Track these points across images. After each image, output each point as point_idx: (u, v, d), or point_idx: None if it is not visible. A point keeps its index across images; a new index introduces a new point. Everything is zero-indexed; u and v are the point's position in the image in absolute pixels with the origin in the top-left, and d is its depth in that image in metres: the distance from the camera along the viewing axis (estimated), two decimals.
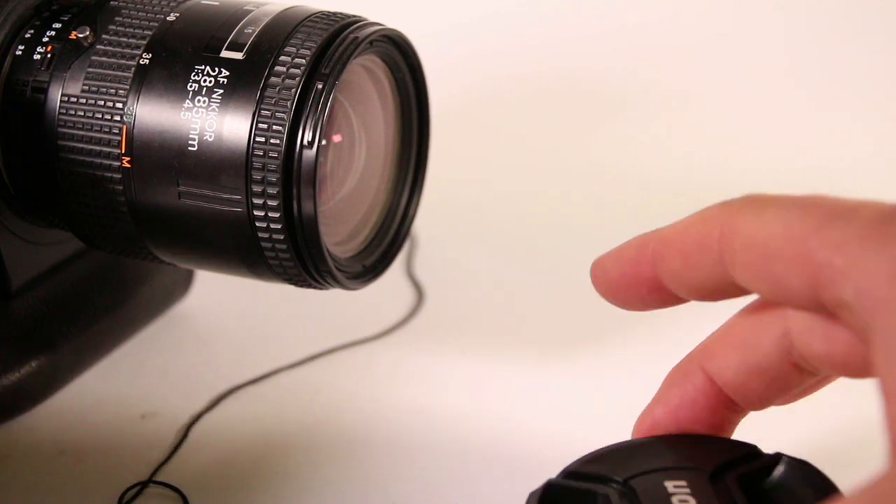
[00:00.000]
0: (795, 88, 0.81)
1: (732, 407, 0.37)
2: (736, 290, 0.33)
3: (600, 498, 0.35)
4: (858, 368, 0.32)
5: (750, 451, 0.36)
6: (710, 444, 0.37)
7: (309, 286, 0.45)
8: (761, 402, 0.36)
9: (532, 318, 0.58)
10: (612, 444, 0.38)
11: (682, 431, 0.37)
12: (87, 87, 0.44)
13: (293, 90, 0.42)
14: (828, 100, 0.79)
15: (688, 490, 0.34)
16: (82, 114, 0.44)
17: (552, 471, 0.49)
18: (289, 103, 0.42)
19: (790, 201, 0.31)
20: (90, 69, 0.44)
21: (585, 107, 0.78)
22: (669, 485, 0.35)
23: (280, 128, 0.42)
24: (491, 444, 0.50)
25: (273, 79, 0.42)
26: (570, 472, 0.36)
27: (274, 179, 0.42)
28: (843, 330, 0.32)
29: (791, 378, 0.35)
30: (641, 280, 0.35)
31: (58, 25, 0.45)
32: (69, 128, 0.44)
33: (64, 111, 0.44)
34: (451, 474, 0.48)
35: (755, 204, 0.32)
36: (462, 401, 0.52)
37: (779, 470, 0.36)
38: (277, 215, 0.42)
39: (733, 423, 0.38)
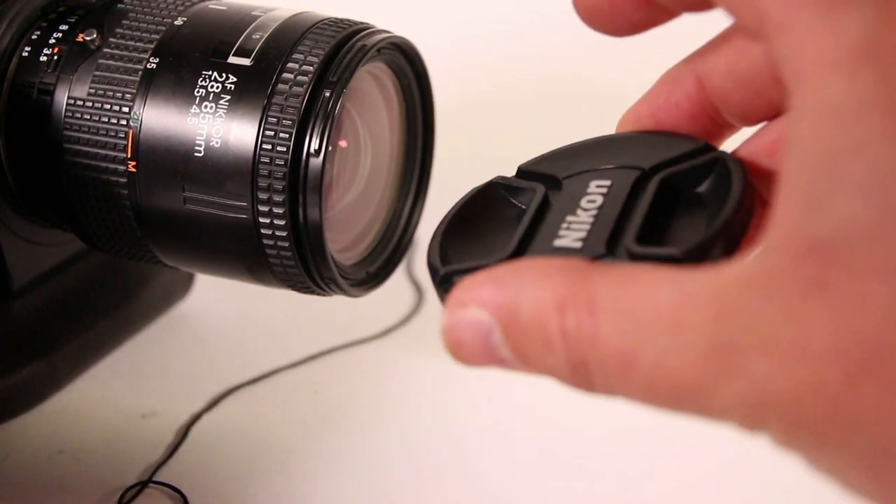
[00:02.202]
0: None
1: (717, 118, 0.34)
2: None
3: (527, 195, 0.33)
4: None
5: (697, 147, 0.32)
6: (665, 141, 0.33)
7: (312, 292, 0.45)
8: (744, 117, 0.34)
9: None
10: (581, 141, 0.34)
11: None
12: (93, 91, 0.44)
13: (301, 97, 0.42)
14: None
15: (605, 191, 0.31)
16: (88, 117, 0.44)
17: (553, 465, 0.49)
18: (296, 110, 0.41)
19: None
20: (97, 72, 0.44)
21: (591, 113, 0.77)
22: (593, 184, 0.32)
23: (287, 135, 0.41)
24: (491, 442, 0.50)
25: (281, 86, 0.42)
26: (522, 170, 0.34)
27: (280, 187, 0.41)
28: None
29: (773, 93, 0.33)
30: None
31: (64, 27, 0.45)
32: (75, 130, 0.44)
33: (70, 114, 0.44)
34: (451, 473, 0.48)
35: None
36: (462, 400, 0.52)
37: (714, 175, 0.31)
38: (283, 222, 0.42)
39: (719, 137, 0.35)
